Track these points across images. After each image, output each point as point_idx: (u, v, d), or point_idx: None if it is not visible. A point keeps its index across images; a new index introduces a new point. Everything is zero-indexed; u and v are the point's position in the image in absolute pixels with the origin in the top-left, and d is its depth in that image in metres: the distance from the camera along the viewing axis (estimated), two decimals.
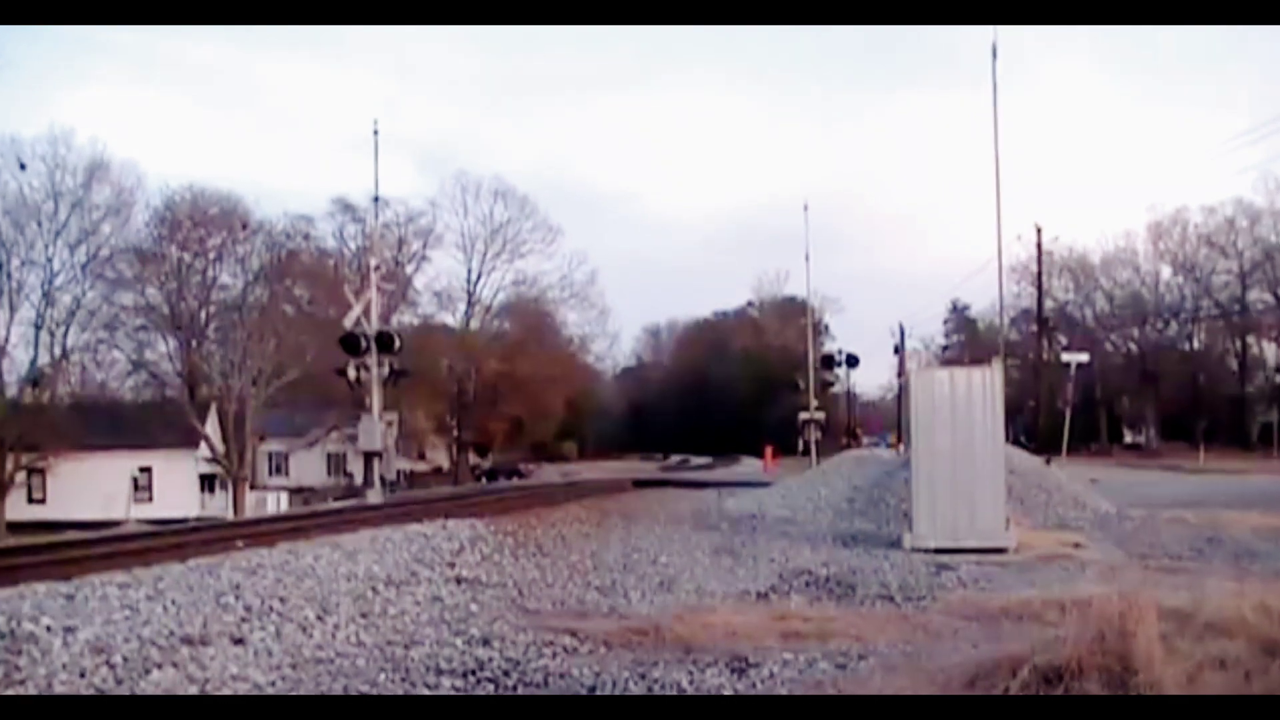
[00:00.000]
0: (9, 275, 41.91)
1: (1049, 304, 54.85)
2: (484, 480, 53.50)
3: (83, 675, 5.71)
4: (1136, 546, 13.24)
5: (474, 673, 6.28)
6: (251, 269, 46.67)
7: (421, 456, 63.83)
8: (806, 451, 38.07)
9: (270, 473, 56.00)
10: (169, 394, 46.91)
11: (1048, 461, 22.84)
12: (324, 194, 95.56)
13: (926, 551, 12.24)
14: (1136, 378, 63.49)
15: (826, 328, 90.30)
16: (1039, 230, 39.01)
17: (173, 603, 7.51)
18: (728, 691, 5.77)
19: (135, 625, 6.77)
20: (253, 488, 44.20)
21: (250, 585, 8.35)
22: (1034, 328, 47.09)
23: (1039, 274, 42.12)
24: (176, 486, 42.93)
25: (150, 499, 42.56)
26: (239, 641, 6.70)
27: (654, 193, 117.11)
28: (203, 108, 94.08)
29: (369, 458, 24.80)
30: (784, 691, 5.72)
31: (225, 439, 42.73)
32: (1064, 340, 58.54)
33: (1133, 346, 65.81)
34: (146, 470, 43.63)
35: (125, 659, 6.00)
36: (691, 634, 7.22)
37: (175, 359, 47.66)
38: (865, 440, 71.00)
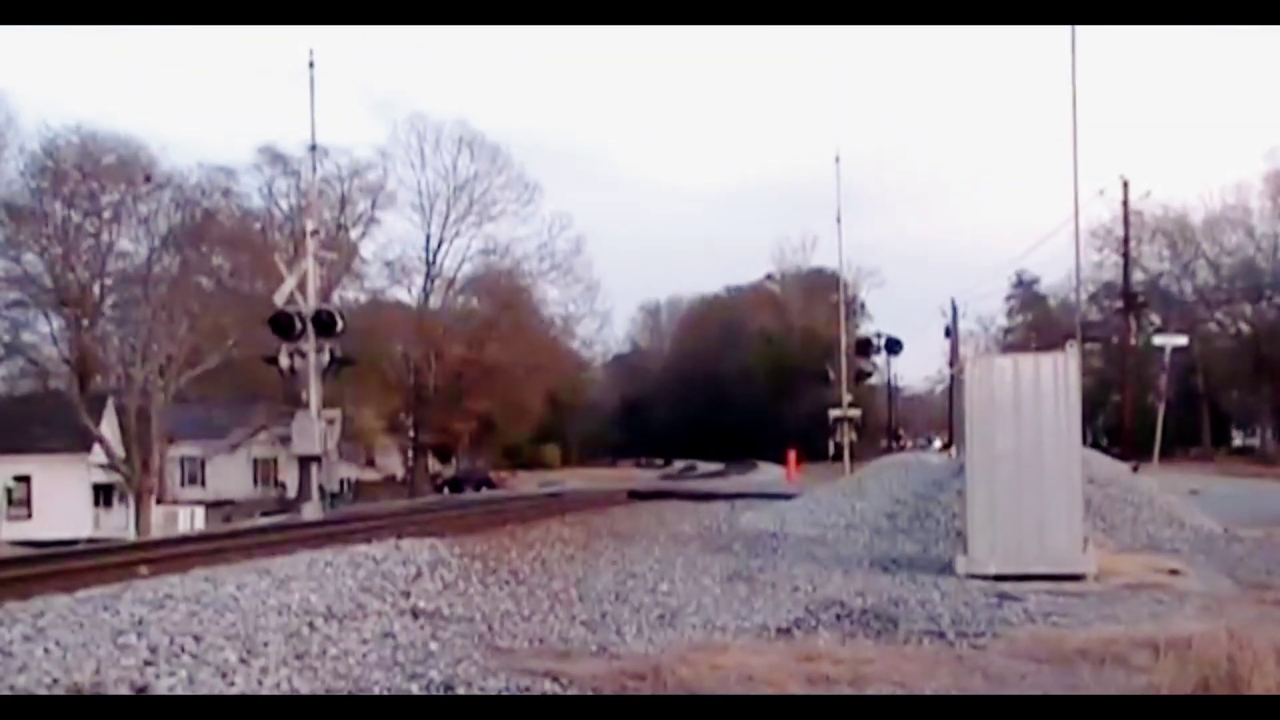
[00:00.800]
0: None
1: (1138, 275, 55.00)
2: (446, 491, 53.73)
3: None
4: (1250, 574, 13.30)
5: None
6: (158, 232, 46.62)
7: (370, 463, 64.05)
8: (838, 456, 38.25)
9: (183, 483, 56.07)
10: (53, 385, 46.91)
11: (1135, 468, 22.98)
12: (249, 141, 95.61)
13: (985, 578, 12.31)
14: (1249, 366, 63.53)
15: (863, 306, 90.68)
16: (1125, 184, 39.12)
17: (57, 644, 7.47)
18: None
19: (6, 673, 6.72)
20: (160, 501, 44.29)
21: (157, 621, 8.32)
22: (1119, 304, 47.19)
23: (1125, 238, 42.23)
24: (63, 500, 42.91)
25: (29, 515, 42.57)
26: (141, 690, 6.70)
27: (653, 144, 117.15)
28: (95, 30, 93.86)
29: (305, 464, 24.83)
30: None
31: (125, 442, 42.73)
32: (1156, 320, 58.66)
33: (1244, 327, 65.81)
34: (24, 480, 43.61)
35: None
36: (698, 678, 7.26)
37: (61, 342, 47.68)
38: (910, 442, 71.53)
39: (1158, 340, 38.62)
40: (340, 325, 24.28)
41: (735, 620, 10.04)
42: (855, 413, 40.23)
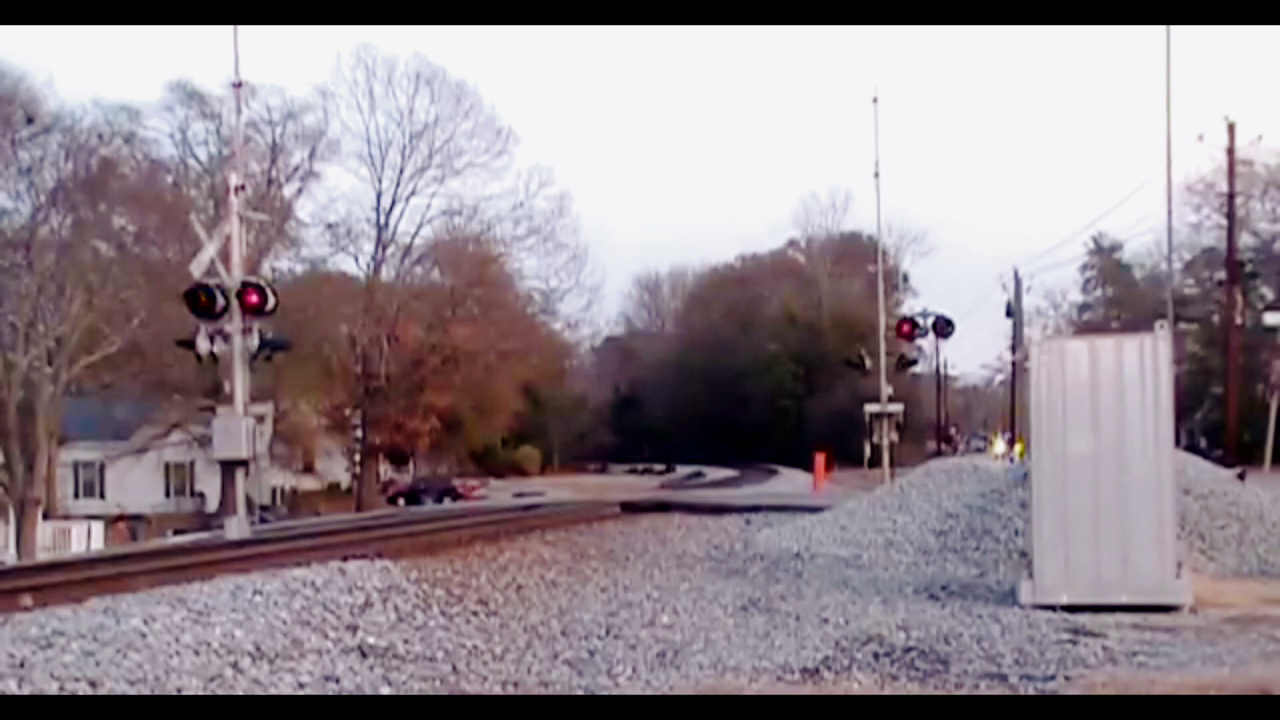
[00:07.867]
0: None
1: (1246, 239, 54.89)
2: (401, 503, 53.80)
3: None
4: None
5: None
6: (43, 186, 46.32)
7: (309, 469, 64.09)
8: (876, 460, 38.26)
9: (77, 493, 56.07)
10: None
11: (1242, 476, 22.94)
12: (157, 76, 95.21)
13: (1055, 609, 12.40)
14: None
15: (906, 278, 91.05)
16: (1232, 127, 38.97)
17: None
18: None
19: None
20: (47, 516, 44.25)
21: (43, 664, 8.31)
22: (1221, 276, 47.18)
23: (1230, 194, 42.05)
24: None
25: None
26: None
27: (649, 83, 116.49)
28: None
29: (229, 471, 24.81)
30: None
31: (4, 443, 42.66)
32: (1268, 294, 58.62)
33: None
34: None
35: None
36: None
37: None
38: (963, 444, 71.71)
39: (1269, 319, 38.56)
40: (272, 302, 24.21)
41: (752, 659, 10.11)
42: (897, 408, 40.18)
